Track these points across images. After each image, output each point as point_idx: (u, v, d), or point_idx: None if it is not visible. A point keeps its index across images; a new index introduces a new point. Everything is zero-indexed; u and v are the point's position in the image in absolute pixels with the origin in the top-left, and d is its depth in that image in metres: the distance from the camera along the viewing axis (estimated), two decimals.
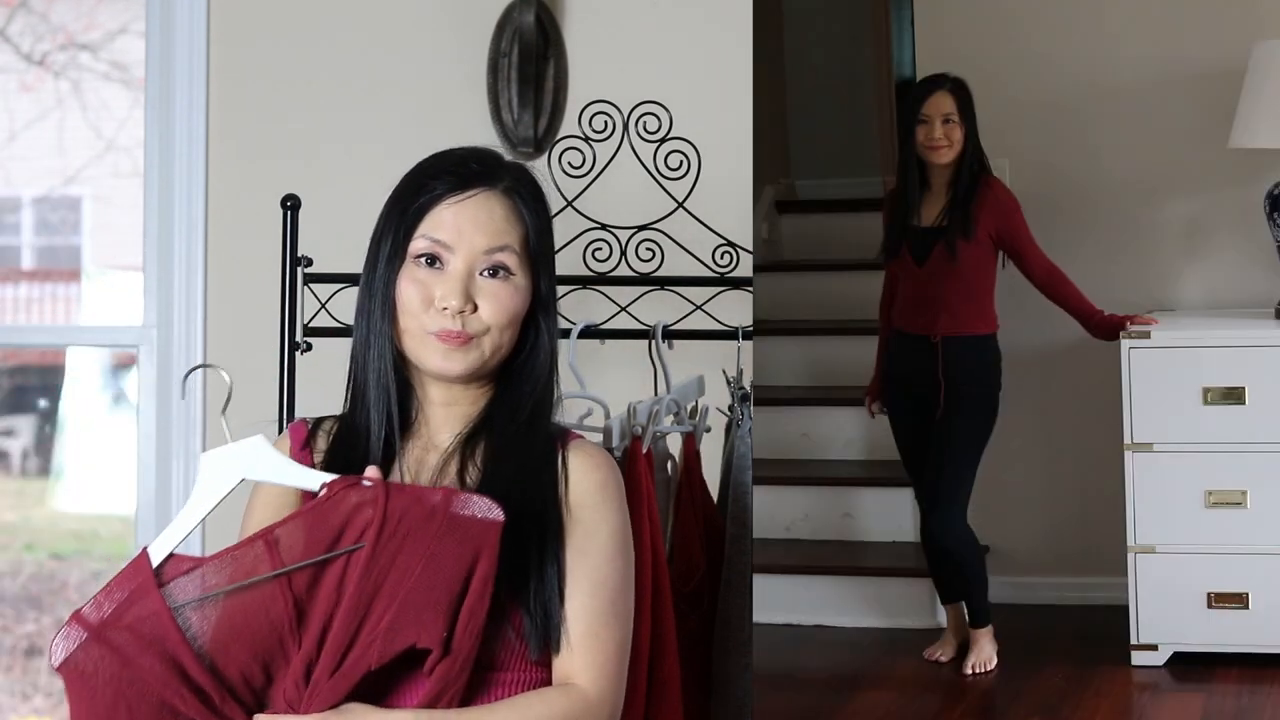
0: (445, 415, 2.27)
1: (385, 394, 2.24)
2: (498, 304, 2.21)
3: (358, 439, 2.25)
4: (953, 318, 4.03)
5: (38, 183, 4.88)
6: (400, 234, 2.23)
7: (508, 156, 2.30)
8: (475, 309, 2.20)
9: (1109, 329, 4.05)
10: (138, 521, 3.98)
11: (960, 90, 4.05)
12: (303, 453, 2.28)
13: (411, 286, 2.21)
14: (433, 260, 2.21)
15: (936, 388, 4.04)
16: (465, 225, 2.21)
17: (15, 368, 5.10)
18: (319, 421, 2.32)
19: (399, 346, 2.25)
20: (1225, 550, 4.02)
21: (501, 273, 2.22)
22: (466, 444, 2.25)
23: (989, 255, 4.03)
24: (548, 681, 2.22)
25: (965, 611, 4.18)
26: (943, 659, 4.18)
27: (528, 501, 2.18)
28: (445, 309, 2.19)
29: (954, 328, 4.03)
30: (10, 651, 4.94)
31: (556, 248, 3.14)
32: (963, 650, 4.18)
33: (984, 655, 4.13)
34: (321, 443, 2.29)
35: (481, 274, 2.21)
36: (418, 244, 2.22)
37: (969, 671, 4.10)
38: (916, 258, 4.04)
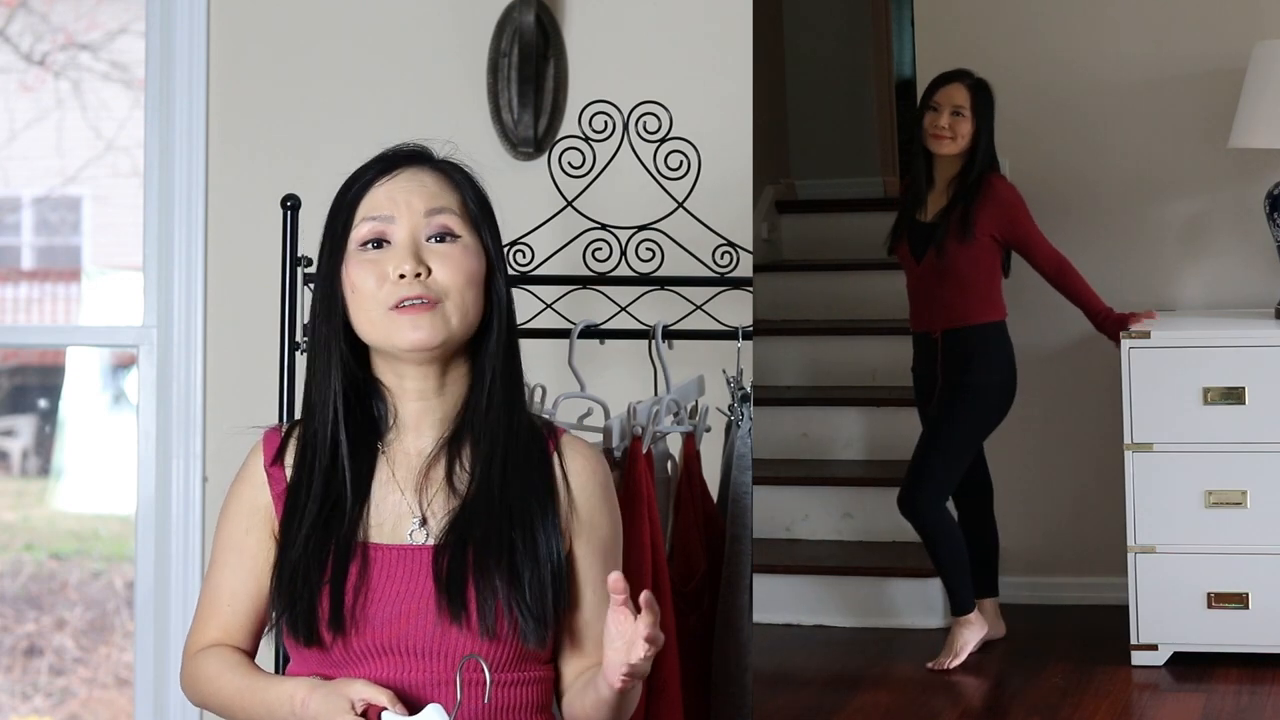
0: (423, 410, 2.24)
1: (334, 398, 2.22)
2: (451, 264, 2.20)
3: (318, 450, 2.23)
4: (950, 311, 4.02)
5: (38, 183, 4.88)
6: (338, 230, 2.24)
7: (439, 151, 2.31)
8: (430, 273, 2.19)
9: (1114, 326, 4.05)
10: (138, 521, 3.98)
11: (979, 89, 4.03)
12: (274, 468, 2.27)
13: (361, 269, 2.20)
14: (379, 243, 2.21)
15: (935, 382, 4.05)
16: (399, 195, 2.22)
17: (15, 368, 5.10)
18: (291, 428, 2.30)
19: (363, 340, 2.23)
20: (1225, 550, 4.01)
21: (448, 237, 2.21)
22: (451, 445, 2.23)
23: (988, 254, 4.00)
24: (546, 674, 2.23)
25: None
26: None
27: (521, 502, 2.19)
28: (401, 276, 2.18)
29: (952, 321, 4.02)
30: (10, 651, 4.94)
31: (557, 247, 3.19)
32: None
33: (953, 647, 4.06)
34: (291, 455, 2.27)
35: (429, 241, 2.21)
36: (359, 231, 2.22)
37: (930, 667, 4.05)
38: (915, 254, 4.04)
